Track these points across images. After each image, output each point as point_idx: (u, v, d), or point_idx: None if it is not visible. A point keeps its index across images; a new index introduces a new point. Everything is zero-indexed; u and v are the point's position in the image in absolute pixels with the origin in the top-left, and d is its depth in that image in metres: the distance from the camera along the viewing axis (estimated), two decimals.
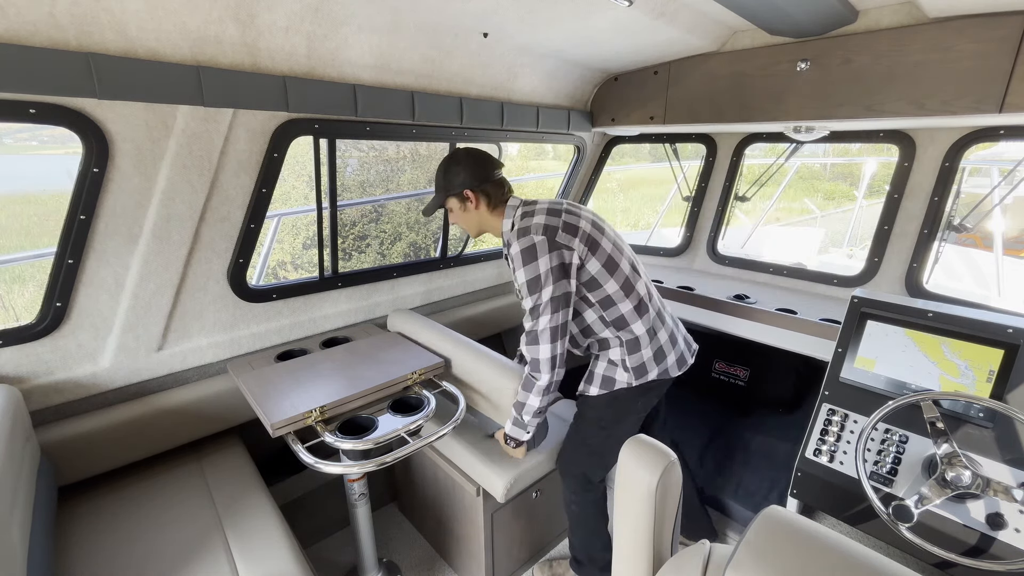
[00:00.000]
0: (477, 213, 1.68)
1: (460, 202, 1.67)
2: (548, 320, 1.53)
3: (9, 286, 7.00)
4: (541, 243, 1.52)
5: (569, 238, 1.56)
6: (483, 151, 1.69)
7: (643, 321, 1.65)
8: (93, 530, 1.51)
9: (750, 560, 0.78)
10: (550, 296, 1.52)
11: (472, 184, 1.63)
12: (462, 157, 1.65)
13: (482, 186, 1.64)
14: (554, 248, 1.53)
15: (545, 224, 1.56)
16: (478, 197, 1.65)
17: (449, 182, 1.66)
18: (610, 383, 1.70)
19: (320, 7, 1.51)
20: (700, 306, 2.32)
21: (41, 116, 1.30)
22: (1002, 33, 1.53)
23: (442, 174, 1.68)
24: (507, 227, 1.67)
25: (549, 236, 1.54)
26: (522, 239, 1.54)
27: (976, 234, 4.77)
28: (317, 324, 2.21)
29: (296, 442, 1.51)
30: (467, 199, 1.65)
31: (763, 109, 2.06)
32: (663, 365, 1.70)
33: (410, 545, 2.28)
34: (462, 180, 1.64)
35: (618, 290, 1.61)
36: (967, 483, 1.32)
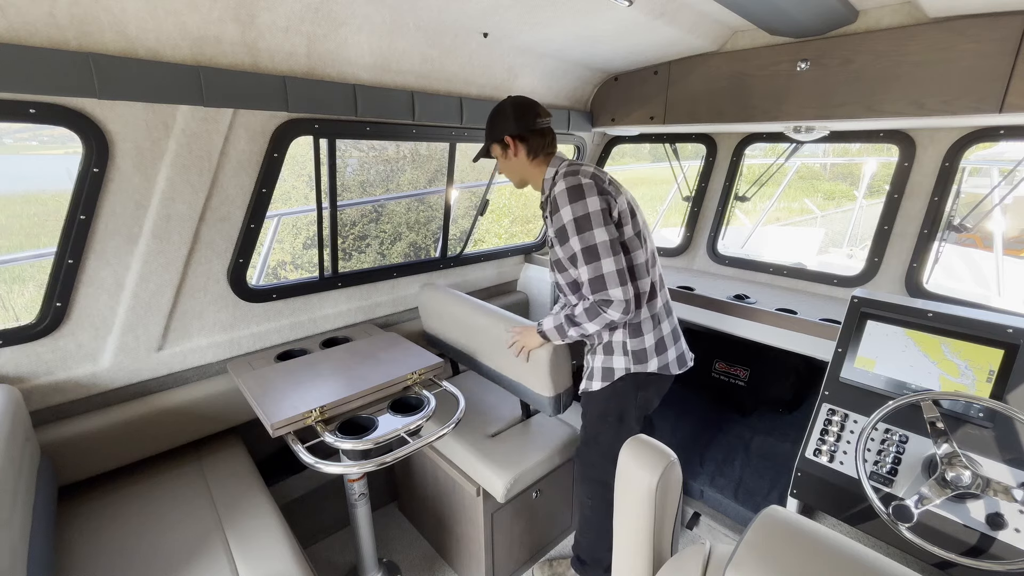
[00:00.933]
0: (517, 161, 1.68)
1: (502, 149, 1.69)
2: (612, 263, 1.48)
3: (9, 286, 7.00)
4: (589, 185, 1.51)
5: (615, 190, 1.58)
6: (531, 100, 1.68)
7: (650, 306, 1.66)
8: (93, 530, 1.51)
9: (750, 560, 0.78)
10: (607, 238, 1.48)
11: (512, 131, 1.63)
12: (507, 105, 1.65)
13: (522, 134, 1.64)
14: (602, 193, 1.52)
15: (593, 173, 1.57)
16: (517, 145, 1.65)
17: (492, 129, 1.68)
18: (609, 374, 1.71)
19: (320, 7, 1.51)
20: (700, 306, 2.31)
21: (41, 116, 1.30)
22: (1002, 33, 1.53)
23: (488, 121, 1.70)
24: (549, 175, 1.66)
25: (596, 182, 1.53)
26: (568, 178, 1.53)
27: (976, 234, 4.76)
28: (317, 324, 2.21)
29: (296, 442, 1.51)
30: (507, 146, 1.66)
31: (763, 109, 2.06)
32: (663, 358, 1.70)
33: (410, 545, 2.28)
34: (503, 127, 1.65)
35: (642, 264, 1.61)
36: (967, 483, 1.32)
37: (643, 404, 1.78)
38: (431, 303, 2.31)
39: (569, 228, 1.51)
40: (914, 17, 1.68)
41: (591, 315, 1.57)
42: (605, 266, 1.48)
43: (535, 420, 2.18)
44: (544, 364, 1.80)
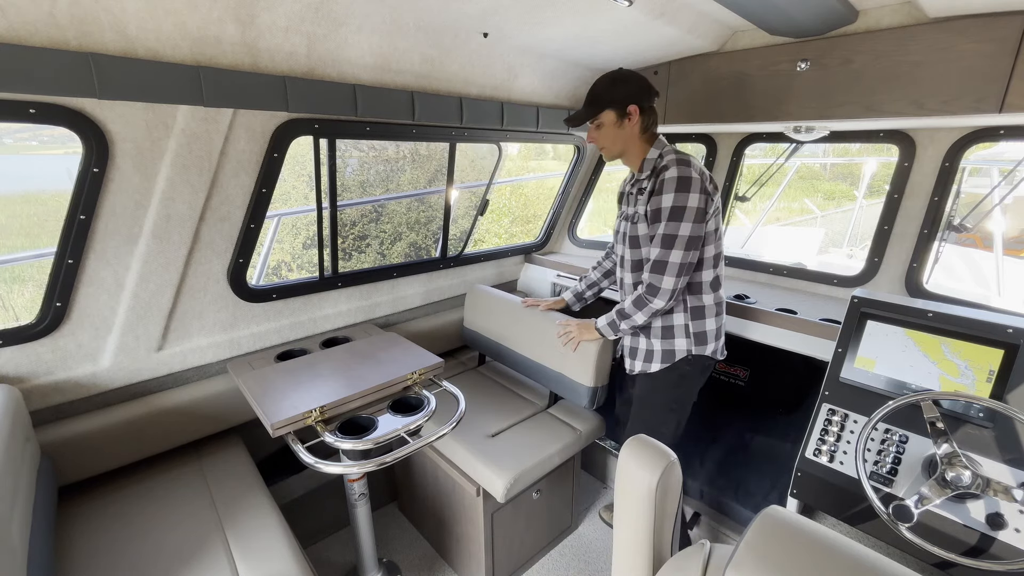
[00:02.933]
0: (629, 132, 1.67)
1: (618, 117, 1.65)
2: (681, 256, 1.59)
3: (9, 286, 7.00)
4: (696, 181, 1.57)
5: (714, 189, 1.65)
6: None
7: (715, 296, 1.74)
8: (93, 530, 1.51)
9: (750, 560, 0.78)
10: (689, 233, 1.57)
11: (637, 99, 1.63)
12: (629, 74, 1.65)
13: (646, 103, 1.65)
14: (703, 192, 1.59)
15: (701, 169, 1.62)
16: (638, 115, 1.64)
17: (612, 93, 1.63)
18: (670, 356, 1.76)
19: (320, 7, 1.51)
20: None
21: (41, 116, 1.30)
22: (1002, 33, 1.53)
23: (605, 86, 1.66)
24: (653, 155, 1.69)
25: (703, 179, 1.60)
26: (682, 167, 1.57)
27: (976, 234, 4.76)
28: (317, 324, 2.21)
29: (296, 442, 1.51)
30: (628, 115, 1.64)
31: (763, 109, 2.06)
32: (716, 344, 1.79)
33: (410, 545, 2.28)
34: (628, 93, 1.62)
35: (711, 258, 1.71)
36: (967, 483, 1.32)
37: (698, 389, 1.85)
38: (480, 299, 2.56)
39: (664, 213, 1.59)
40: (914, 17, 1.67)
41: (639, 305, 1.70)
42: (673, 256, 1.59)
43: (536, 420, 2.18)
44: (592, 355, 1.95)
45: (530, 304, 2.26)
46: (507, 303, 2.43)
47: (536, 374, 2.26)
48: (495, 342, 2.47)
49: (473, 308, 2.61)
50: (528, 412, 2.24)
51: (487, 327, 2.52)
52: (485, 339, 2.53)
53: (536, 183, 9.40)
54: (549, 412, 2.25)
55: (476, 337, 2.60)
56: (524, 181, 9.41)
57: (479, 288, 2.62)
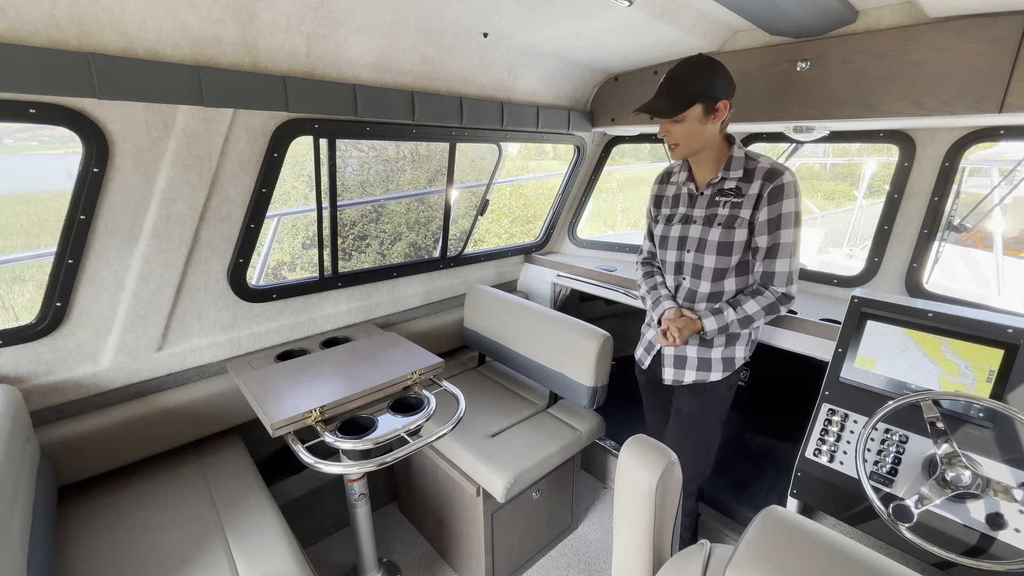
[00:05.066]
0: (712, 129, 1.52)
1: (706, 112, 1.48)
2: (799, 261, 1.59)
3: (9, 286, 7.00)
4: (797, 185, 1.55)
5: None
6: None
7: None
8: (93, 530, 1.51)
9: (750, 560, 0.78)
10: (799, 239, 1.57)
11: (728, 94, 1.50)
12: (718, 64, 1.47)
13: (731, 101, 1.52)
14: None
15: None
16: (726, 113, 1.51)
17: (704, 85, 1.46)
18: (730, 364, 1.69)
19: (320, 7, 1.51)
20: None
21: (41, 116, 1.30)
22: (1002, 33, 1.53)
23: (699, 74, 1.46)
24: (739, 153, 1.58)
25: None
26: (789, 174, 1.53)
27: (976, 234, 4.76)
28: (317, 324, 2.21)
29: (296, 442, 1.51)
30: (717, 111, 1.49)
31: (763, 109, 2.06)
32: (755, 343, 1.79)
33: (410, 545, 2.28)
34: (722, 88, 1.48)
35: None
36: (967, 483, 1.31)
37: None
38: (480, 299, 2.58)
39: (786, 219, 1.53)
40: (914, 17, 1.67)
41: (770, 311, 1.60)
42: (794, 263, 1.58)
43: (536, 420, 2.18)
44: (592, 355, 1.94)
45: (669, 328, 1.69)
46: (507, 303, 2.43)
47: (536, 374, 2.26)
48: (495, 342, 2.47)
49: (473, 308, 2.61)
50: (528, 412, 2.24)
51: (487, 327, 2.52)
52: (485, 339, 2.54)
53: (536, 183, 9.40)
54: (549, 412, 2.25)
55: (476, 337, 2.60)
56: (524, 181, 9.41)
57: (479, 288, 2.62)
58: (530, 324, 2.28)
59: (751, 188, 1.54)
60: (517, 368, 2.38)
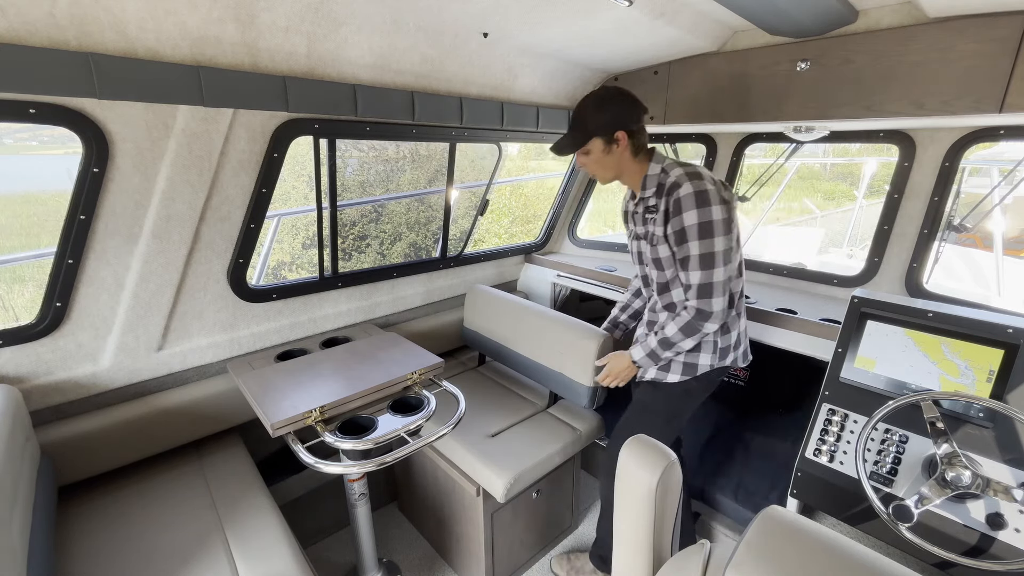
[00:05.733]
0: (619, 157, 1.59)
1: (606, 144, 1.56)
2: (723, 272, 1.51)
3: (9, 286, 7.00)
4: (714, 193, 1.49)
5: (731, 195, 1.58)
6: (630, 92, 1.60)
7: (739, 304, 1.72)
8: (93, 530, 1.51)
9: (750, 560, 0.78)
10: (723, 248, 1.50)
11: (624, 125, 1.54)
12: (615, 94, 1.55)
13: (633, 129, 1.56)
14: (722, 202, 1.51)
15: (714, 179, 1.54)
16: (627, 141, 1.56)
17: (598, 121, 1.54)
18: (692, 369, 1.69)
19: (320, 7, 1.51)
20: None
21: (41, 116, 1.30)
22: (1002, 33, 1.53)
23: (590, 111, 1.55)
24: (654, 170, 1.60)
25: (718, 189, 1.51)
26: (695, 181, 1.49)
27: (976, 234, 4.76)
28: (317, 324, 2.21)
29: (296, 442, 1.51)
30: (616, 141, 1.55)
31: (763, 109, 2.06)
32: (736, 352, 1.75)
33: (410, 545, 2.28)
34: (614, 119, 1.54)
35: (736, 268, 1.64)
36: (967, 483, 1.32)
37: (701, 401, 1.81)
38: (480, 299, 2.57)
39: (691, 232, 1.50)
40: (914, 17, 1.67)
41: (688, 331, 1.59)
42: (716, 275, 1.51)
43: (536, 420, 2.18)
44: (592, 355, 1.94)
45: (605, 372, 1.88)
46: (507, 303, 2.43)
47: (536, 374, 2.26)
48: (495, 342, 2.47)
49: (473, 308, 2.61)
50: (528, 412, 2.24)
51: (487, 327, 2.52)
52: (485, 339, 2.54)
53: (536, 183, 9.40)
54: (549, 412, 2.25)
55: (476, 337, 2.60)
56: (524, 181, 9.41)
57: (479, 288, 2.62)
58: (530, 324, 2.28)
59: (661, 204, 1.58)
60: (517, 368, 2.38)
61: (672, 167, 1.58)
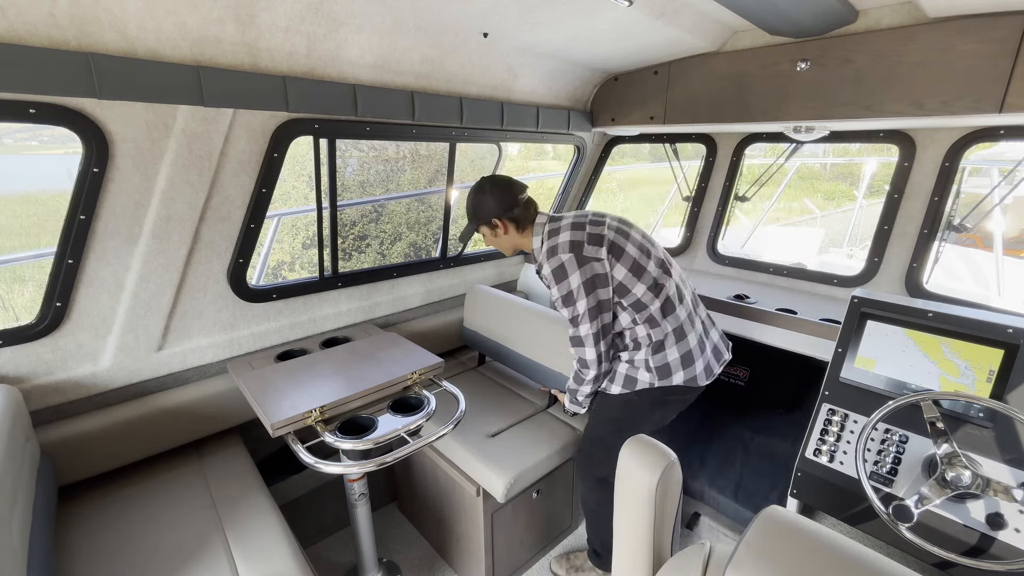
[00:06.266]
0: (508, 237, 1.79)
1: (491, 229, 1.79)
2: (588, 327, 1.63)
3: (9, 286, 7.00)
4: (569, 261, 1.61)
5: (595, 249, 1.63)
6: (506, 178, 1.80)
7: (670, 320, 1.68)
8: (93, 530, 1.51)
9: (750, 560, 0.78)
10: (585, 308, 1.61)
11: (499, 212, 1.74)
12: (487, 187, 1.76)
13: (509, 213, 1.74)
14: (583, 263, 1.61)
15: (571, 241, 1.64)
16: (506, 224, 1.76)
17: (479, 211, 1.77)
18: (632, 383, 1.73)
19: (320, 7, 1.51)
20: None
21: (41, 116, 1.30)
22: (1002, 33, 1.53)
23: (471, 202, 1.79)
24: (536, 245, 1.76)
25: (576, 252, 1.62)
26: (551, 259, 1.65)
27: (976, 234, 4.76)
28: (317, 324, 2.21)
29: (296, 442, 1.51)
30: (496, 226, 1.76)
31: (763, 109, 2.06)
32: (690, 371, 1.71)
33: (410, 545, 2.28)
34: (489, 209, 1.74)
35: (646, 291, 1.65)
36: (967, 483, 1.32)
37: (658, 420, 1.81)
38: (480, 299, 2.58)
39: (558, 303, 1.67)
40: (914, 17, 1.67)
41: (578, 380, 1.77)
42: (583, 329, 1.65)
43: (536, 420, 2.18)
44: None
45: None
46: (507, 303, 2.43)
47: (535, 373, 2.26)
48: (495, 342, 2.47)
49: (473, 308, 2.61)
50: (528, 412, 2.24)
51: (487, 327, 2.52)
52: (485, 339, 2.54)
53: (536, 183, 9.39)
54: (549, 412, 2.25)
55: (476, 337, 2.60)
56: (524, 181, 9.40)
57: (479, 288, 2.62)
58: (529, 324, 2.28)
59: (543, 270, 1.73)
60: (517, 368, 2.38)
61: (544, 237, 1.73)
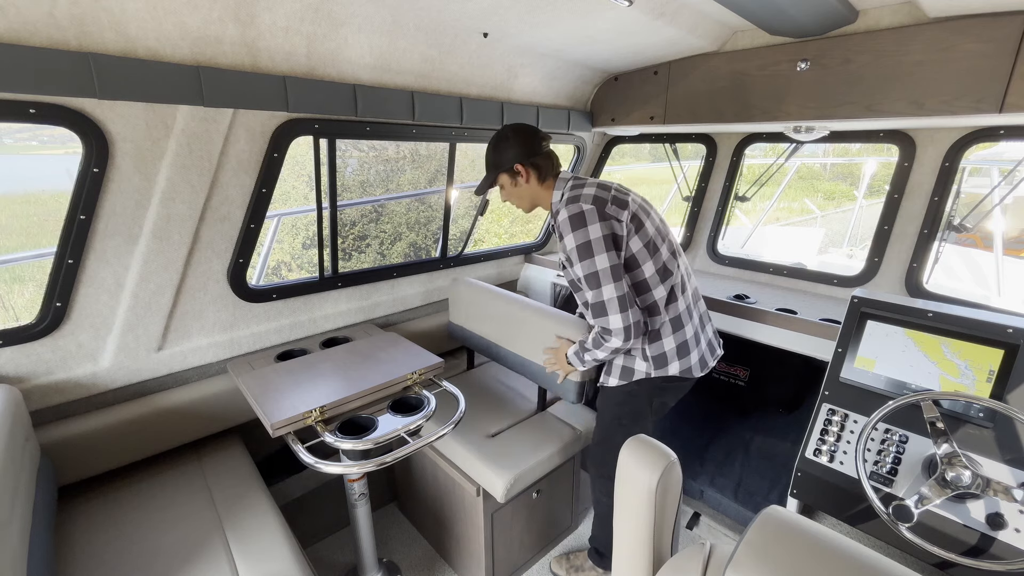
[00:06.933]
0: (528, 187, 1.69)
1: (511, 177, 1.68)
2: (612, 289, 1.50)
3: (9, 286, 7.00)
4: (590, 211, 1.53)
5: (618, 211, 1.56)
6: (530, 125, 1.70)
7: (670, 309, 1.65)
8: (93, 530, 1.51)
9: (750, 560, 0.78)
10: (608, 264, 1.50)
11: (522, 158, 1.64)
12: (510, 133, 1.66)
13: (531, 159, 1.65)
14: (604, 218, 1.53)
15: (595, 195, 1.57)
16: (528, 171, 1.66)
17: (499, 158, 1.67)
18: (628, 373, 1.72)
19: (320, 7, 1.51)
20: None
21: (41, 116, 1.30)
22: (1002, 33, 1.53)
23: (491, 151, 1.70)
24: (556, 198, 1.67)
25: (599, 206, 1.54)
26: (570, 206, 1.55)
27: (976, 234, 4.76)
28: (317, 324, 2.21)
29: (296, 442, 1.51)
30: (518, 173, 1.66)
31: (763, 109, 2.06)
32: (686, 362, 1.70)
33: (410, 545, 2.28)
34: (512, 155, 1.65)
35: (654, 274, 1.61)
36: (967, 483, 1.32)
37: (659, 408, 1.80)
38: (464, 294, 2.37)
39: (573, 255, 1.54)
40: (914, 17, 1.67)
41: (596, 344, 1.62)
42: (606, 292, 1.51)
43: (536, 420, 2.18)
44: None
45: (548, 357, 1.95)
46: (489, 295, 2.25)
47: (523, 369, 2.17)
48: (481, 338, 2.33)
49: (457, 303, 2.44)
50: (528, 412, 2.24)
51: (472, 323, 2.38)
52: (472, 335, 2.39)
53: None
54: (549, 412, 2.25)
55: (462, 333, 2.46)
56: None
57: (464, 281, 2.42)
58: (513, 317, 2.13)
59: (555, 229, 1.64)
60: (505, 364, 2.25)
61: (566, 191, 1.63)
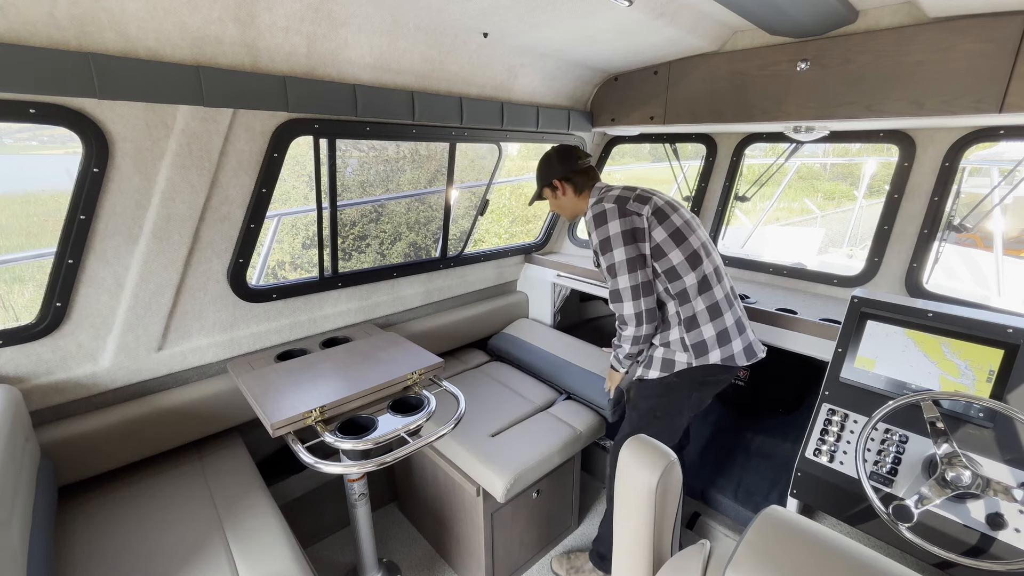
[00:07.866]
0: (567, 199, 1.91)
1: (552, 191, 1.93)
2: (627, 279, 1.67)
3: (9, 286, 7.00)
4: (611, 209, 1.70)
5: (639, 206, 1.71)
6: (569, 146, 1.93)
7: (705, 297, 1.71)
8: (93, 530, 1.51)
9: (750, 560, 0.78)
10: (624, 257, 1.66)
11: (559, 175, 1.88)
12: (552, 154, 1.91)
13: (567, 175, 1.88)
14: (624, 215, 1.69)
15: (618, 195, 1.75)
16: (565, 185, 1.89)
17: (543, 175, 1.93)
18: (669, 365, 1.76)
19: (320, 7, 1.51)
20: None
21: (41, 116, 1.30)
22: (1002, 33, 1.53)
23: (538, 169, 1.95)
24: (590, 203, 1.85)
25: (620, 204, 1.71)
26: (595, 206, 1.75)
27: (976, 234, 4.76)
28: (317, 324, 2.21)
29: (296, 442, 1.51)
30: (557, 188, 1.90)
31: (763, 109, 2.06)
32: (727, 349, 1.73)
33: (410, 545, 2.28)
34: (552, 172, 1.90)
35: (683, 261, 1.69)
36: (967, 483, 1.32)
37: (696, 403, 1.83)
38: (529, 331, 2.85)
39: (599, 249, 1.73)
40: (914, 17, 1.67)
41: (617, 336, 1.79)
42: (621, 281, 1.68)
43: (536, 420, 2.18)
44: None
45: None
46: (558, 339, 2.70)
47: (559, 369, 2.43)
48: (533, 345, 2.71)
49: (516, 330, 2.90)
50: (528, 412, 2.24)
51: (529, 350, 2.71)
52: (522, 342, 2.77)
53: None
54: (549, 412, 2.25)
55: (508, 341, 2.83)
56: (524, 181, 9.40)
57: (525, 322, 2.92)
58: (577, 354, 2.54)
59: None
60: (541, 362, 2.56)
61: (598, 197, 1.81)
